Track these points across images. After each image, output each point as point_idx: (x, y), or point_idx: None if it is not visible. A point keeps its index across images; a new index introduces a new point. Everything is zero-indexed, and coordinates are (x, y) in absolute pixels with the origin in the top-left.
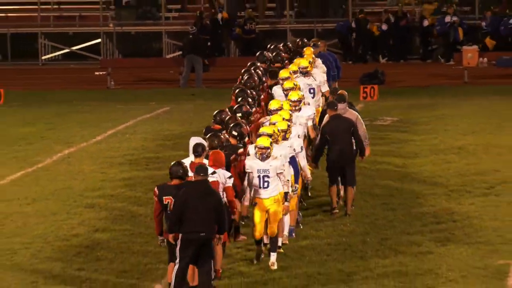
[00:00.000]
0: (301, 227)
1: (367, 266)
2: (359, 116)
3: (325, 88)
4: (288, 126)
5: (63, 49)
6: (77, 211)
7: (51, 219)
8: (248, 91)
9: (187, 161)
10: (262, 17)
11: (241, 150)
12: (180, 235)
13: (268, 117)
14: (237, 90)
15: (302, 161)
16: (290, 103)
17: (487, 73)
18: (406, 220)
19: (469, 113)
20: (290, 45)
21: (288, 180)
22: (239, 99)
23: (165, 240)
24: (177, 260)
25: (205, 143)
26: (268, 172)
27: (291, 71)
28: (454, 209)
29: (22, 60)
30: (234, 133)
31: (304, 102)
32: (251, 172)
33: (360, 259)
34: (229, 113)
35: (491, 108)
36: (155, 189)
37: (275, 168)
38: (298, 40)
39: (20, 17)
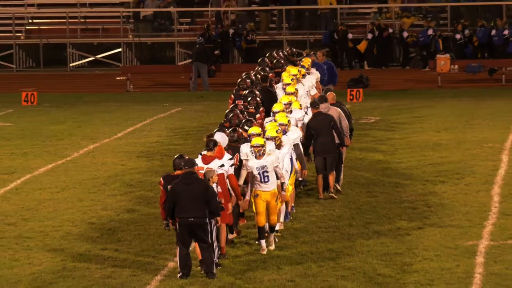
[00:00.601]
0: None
1: (353, 246)
2: (342, 113)
3: (313, 92)
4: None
5: (89, 57)
6: (101, 198)
7: (78, 205)
8: (257, 92)
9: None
10: (265, 29)
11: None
12: (177, 221)
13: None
14: (246, 91)
15: (293, 154)
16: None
17: (458, 78)
18: (387, 206)
19: (442, 113)
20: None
21: (286, 171)
22: (249, 99)
23: (169, 224)
24: (179, 243)
25: (220, 138)
26: (266, 167)
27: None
28: (429, 197)
29: (53, 67)
30: (246, 128)
31: (300, 106)
32: (251, 171)
33: (347, 240)
34: (238, 112)
35: (461, 108)
36: (161, 179)
37: (271, 162)
38: (288, 49)
39: (51, 29)
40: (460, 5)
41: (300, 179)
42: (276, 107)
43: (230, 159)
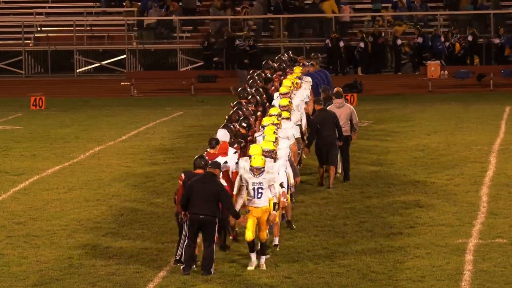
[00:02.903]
0: (295, 227)
1: (347, 244)
2: (354, 110)
3: (303, 106)
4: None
5: (95, 63)
6: (106, 199)
7: (84, 205)
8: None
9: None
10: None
11: (249, 137)
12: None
13: (260, 132)
14: (253, 89)
15: (288, 169)
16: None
17: (447, 84)
18: (380, 206)
19: (433, 116)
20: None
21: (278, 191)
22: (250, 98)
23: (181, 217)
24: (187, 236)
25: (223, 135)
26: (262, 184)
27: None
28: (420, 197)
29: (60, 72)
30: (244, 124)
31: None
32: (244, 185)
33: (341, 238)
34: (240, 109)
35: (450, 112)
36: (182, 174)
37: (268, 181)
38: (285, 58)
39: (59, 37)
40: (450, 13)
41: (292, 189)
42: (265, 121)
43: (235, 152)
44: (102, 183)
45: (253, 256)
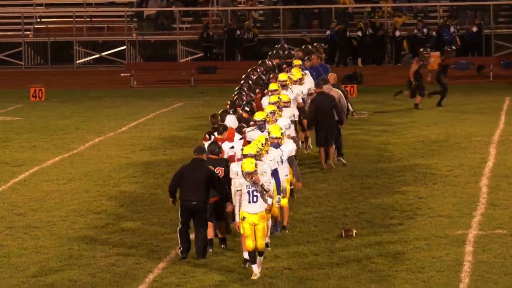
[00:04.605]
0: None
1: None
2: (342, 94)
3: (299, 100)
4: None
5: (94, 54)
6: (106, 190)
7: (84, 196)
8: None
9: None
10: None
11: (252, 122)
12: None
13: (252, 128)
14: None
15: (284, 171)
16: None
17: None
18: (379, 197)
19: (432, 108)
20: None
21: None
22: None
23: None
24: (180, 222)
25: (230, 121)
26: (256, 187)
27: (279, 84)
28: (420, 188)
29: (60, 64)
30: (247, 108)
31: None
32: (240, 190)
33: (341, 229)
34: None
35: (450, 104)
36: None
37: (263, 183)
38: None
39: (58, 28)
40: (450, 4)
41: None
42: (257, 116)
43: (240, 139)
44: (102, 174)
45: (255, 267)
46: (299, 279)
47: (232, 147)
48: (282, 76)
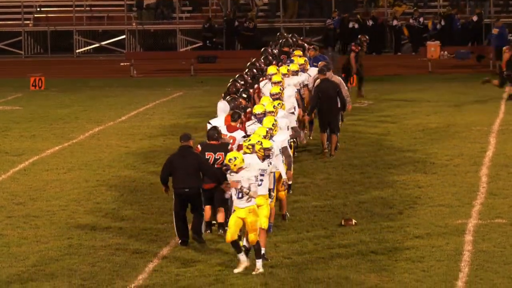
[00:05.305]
0: (287, 221)
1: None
2: (342, 82)
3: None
4: (273, 125)
5: (94, 44)
6: (105, 179)
7: (83, 185)
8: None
9: (215, 122)
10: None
11: (249, 109)
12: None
13: (252, 121)
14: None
15: (280, 165)
16: (271, 97)
17: (447, 64)
18: (379, 186)
19: (432, 97)
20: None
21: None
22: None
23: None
24: (175, 210)
25: (223, 106)
26: (241, 182)
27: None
28: (420, 177)
29: (60, 53)
30: (244, 95)
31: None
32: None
33: (341, 219)
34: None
35: (450, 93)
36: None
37: (247, 179)
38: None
39: (58, 17)
40: None
41: (286, 185)
42: (257, 109)
43: (243, 136)
44: (101, 163)
45: (241, 256)
46: (299, 268)
47: (245, 136)
48: (282, 70)
